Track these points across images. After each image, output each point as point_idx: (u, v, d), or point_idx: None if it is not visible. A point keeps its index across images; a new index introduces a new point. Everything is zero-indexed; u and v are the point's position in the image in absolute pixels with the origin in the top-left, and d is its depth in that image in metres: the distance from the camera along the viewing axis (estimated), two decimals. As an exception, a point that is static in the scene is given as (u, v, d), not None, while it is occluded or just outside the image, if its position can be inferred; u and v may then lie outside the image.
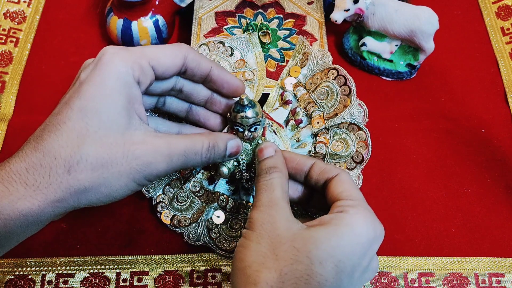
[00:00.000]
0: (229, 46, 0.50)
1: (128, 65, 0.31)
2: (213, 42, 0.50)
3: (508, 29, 0.59)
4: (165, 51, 0.34)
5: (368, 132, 0.45)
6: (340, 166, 0.45)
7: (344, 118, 0.45)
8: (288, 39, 0.53)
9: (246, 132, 0.39)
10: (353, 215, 0.31)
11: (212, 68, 0.37)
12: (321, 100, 0.47)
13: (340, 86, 0.46)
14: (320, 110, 0.47)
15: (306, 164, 0.37)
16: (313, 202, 0.39)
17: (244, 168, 0.41)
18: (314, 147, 0.46)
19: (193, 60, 0.36)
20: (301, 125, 0.47)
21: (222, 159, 0.37)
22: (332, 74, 0.47)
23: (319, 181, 0.36)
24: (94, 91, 0.30)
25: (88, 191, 0.30)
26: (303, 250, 0.29)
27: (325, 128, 0.46)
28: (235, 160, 0.41)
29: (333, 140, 0.46)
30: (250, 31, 0.53)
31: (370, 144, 0.45)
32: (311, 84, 0.48)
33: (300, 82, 0.49)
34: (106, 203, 0.32)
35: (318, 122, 0.46)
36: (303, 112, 0.47)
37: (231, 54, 0.50)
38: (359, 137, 0.45)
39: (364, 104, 0.46)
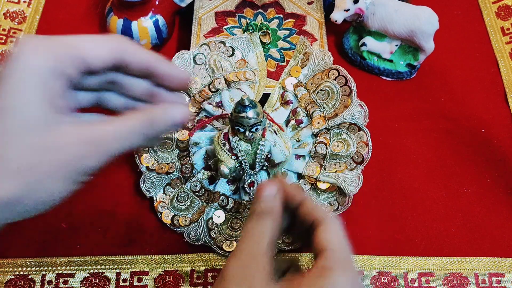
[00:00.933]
0: (230, 46, 0.50)
1: (44, 56, 0.28)
2: (214, 42, 0.50)
3: (508, 29, 0.59)
4: (97, 41, 0.31)
5: (369, 133, 0.45)
6: (340, 166, 0.45)
7: (345, 119, 0.45)
8: (288, 39, 0.53)
9: (247, 133, 0.39)
10: (331, 280, 0.29)
11: (152, 61, 0.33)
12: (322, 100, 0.47)
13: (341, 87, 0.46)
14: (320, 111, 0.47)
15: (296, 199, 0.35)
16: (295, 229, 0.37)
17: (246, 165, 0.41)
18: (315, 147, 0.46)
19: (130, 52, 0.32)
20: (302, 125, 0.47)
21: (169, 130, 0.33)
22: (333, 74, 0.47)
23: (305, 221, 0.34)
24: (6, 89, 0.27)
25: (17, 201, 0.26)
26: None
27: (326, 128, 0.46)
28: (236, 160, 0.41)
29: (334, 140, 0.46)
30: (250, 31, 0.53)
31: (371, 144, 0.45)
32: (311, 84, 0.48)
33: (301, 82, 0.49)
34: (44, 210, 0.28)
35: (318, 122, 0.46)
36: (304, 112, 0.47)
37: (232, 54, 0.50)
38: (360, 138, 0.45)
39: (364, 105, 0.46)
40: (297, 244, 0.44)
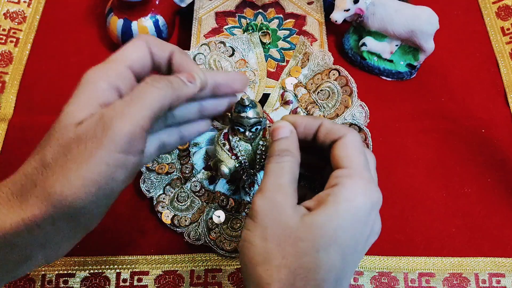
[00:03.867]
0: (230, 46, 0.50)
1: (101, 78, 0.31)
2: (214, 42, 0.50)
3: (508, 29, 0.59)
4: (130, 50, 0.33)
5: (369, 133, 0.45)
6: None
7: (345, 119, 0.46)
8: (288, 39, 0.53)
9: (247, 133, 0.39)
10: (348, 188, 0.30)
11: (174, 50, 0.34)
12: (322, 100, 0.47)
13: (342, 87, 0.46)
14: (321, 111, 0.47)
15: (314, 126, 0.35)
16: (313, 166, 0.38)
17: (246, 165, 0.41)
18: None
19: (155, 43, 0.34)
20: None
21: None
22: (333, 74, 0.47)
23: (325, 142, 0.34)
24: (79, 102, 0.30)
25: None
26: (308, 240, 0.29)
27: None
28: (236, 160, 0.41)
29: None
30: (250, 31, 0.53)
31: (371, 145, 0.45)
32: (311, 84, 0.48)
33: (301, 82, 0.49)
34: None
35: (318, 123, 0.46)
36: (304, 112, 0.47)
37: (232, 54, 0.50)
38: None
39: (365, 105, 0.46)
40: None
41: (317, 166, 0.38)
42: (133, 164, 0.30)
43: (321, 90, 0.47)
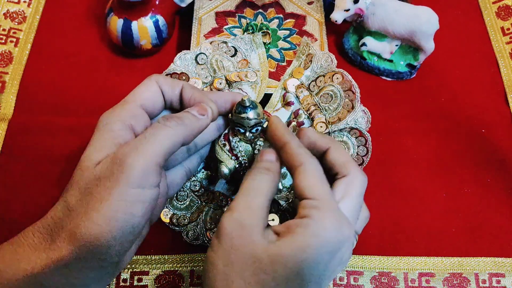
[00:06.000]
0: (232, 46, 0.50)
1: (117, 121, 0.33)
2: (216, 42, 0.50)
3: (508, 29, 0.59)
4: (141, 90, 0.35)
5: (370, 137, 0.45)
6: None
7: (348, 124, 0.45)
8: (288, 39, 0.53)
9: (247, 133, 0.39)
10: (317, 222, 0.29)
11: (183, 86, 0.36)
12: (324, 103, 0.47)
13: (345, 91, 0.46)
14: (323, 114, 0.47)
15: (281, 142, 0.36)
16: None
17: (246, 166, 0.41)
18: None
19: (164, 82, 0.36)
20: (303, 127, 0.47)
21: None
22: (337, 78, 0.47)
23: (288, 166, 0.35)
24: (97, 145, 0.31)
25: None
26: (269, 273, 0.29)
27: (328, 132, 0.46)
28: (236, 160, 0.41)
29: (334, 141, 0.46)
30: (250, 31, 0.53)
31: (371, 149, 0.45)
32: (314, 86, 0.48)
33: (303, 84, 0.49)
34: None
35: (321, 126, 0.46)
36: (306, 114, 0.47)
37: (234, 54, 0.50)
38: (360, 142, 0.45)
39: (367, 111, 0.46)
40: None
41: None
42: (150, 198, 0.30)
43: (323, 93, 0.47)
